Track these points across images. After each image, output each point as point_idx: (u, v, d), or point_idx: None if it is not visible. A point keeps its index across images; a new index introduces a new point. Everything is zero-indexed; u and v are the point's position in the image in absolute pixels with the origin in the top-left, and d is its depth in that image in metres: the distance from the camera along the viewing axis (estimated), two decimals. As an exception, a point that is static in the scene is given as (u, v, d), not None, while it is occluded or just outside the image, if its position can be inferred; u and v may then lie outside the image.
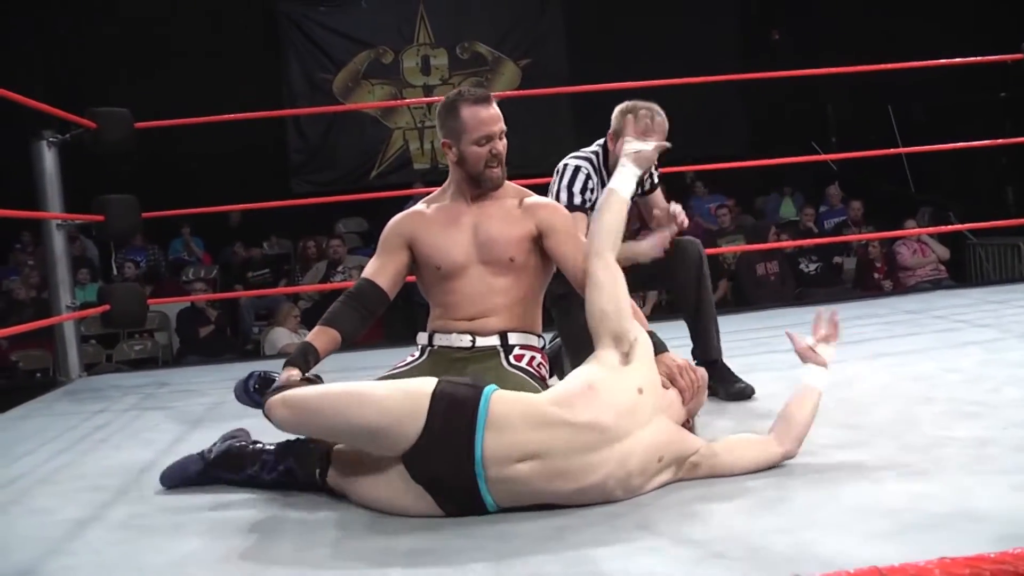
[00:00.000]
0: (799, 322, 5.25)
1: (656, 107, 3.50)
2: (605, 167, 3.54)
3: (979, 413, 2.96)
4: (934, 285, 8.29)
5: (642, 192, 3.67)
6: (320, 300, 8.45)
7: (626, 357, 2.50)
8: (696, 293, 3.56)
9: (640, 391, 2.39)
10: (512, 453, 2.25)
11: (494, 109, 2.90)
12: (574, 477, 2.25)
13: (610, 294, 2.61)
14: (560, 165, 3.58)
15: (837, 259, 9.27)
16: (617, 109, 3.52)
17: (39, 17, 10.53)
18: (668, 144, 3.03)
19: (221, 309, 9.02)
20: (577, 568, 1.94)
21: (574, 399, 2.33)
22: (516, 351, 2.83)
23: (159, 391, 4.73)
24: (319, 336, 2.85)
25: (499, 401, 2.32)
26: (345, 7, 11.40)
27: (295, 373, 2.66)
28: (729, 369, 3.59)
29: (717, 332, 3.61)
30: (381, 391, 2.35)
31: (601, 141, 3.64)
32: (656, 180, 3.74)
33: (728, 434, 2.67)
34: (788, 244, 8.89)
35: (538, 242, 2.92)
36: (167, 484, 2.74)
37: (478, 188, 2.92)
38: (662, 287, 3.66)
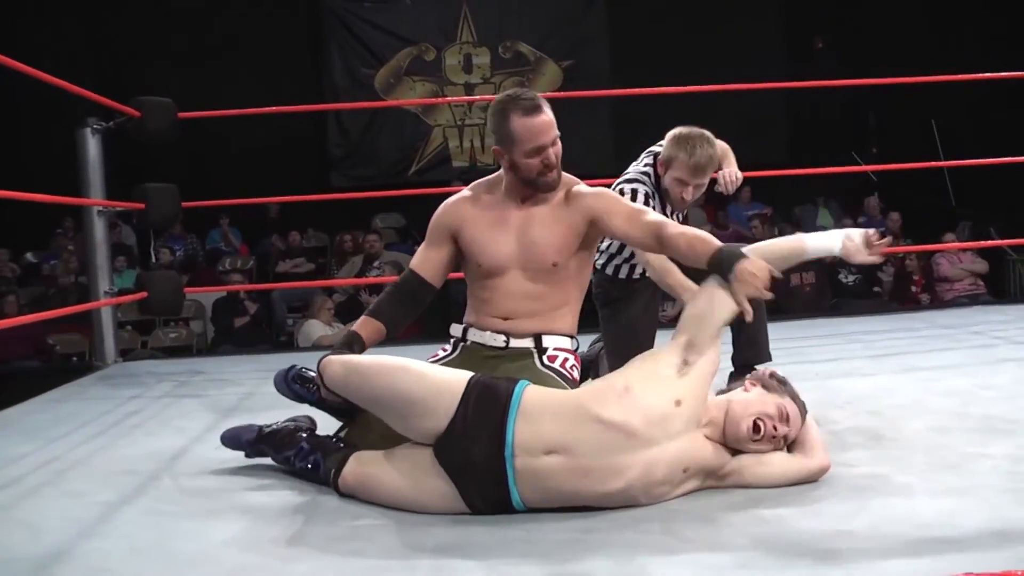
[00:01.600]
0: (831, 333, 5.29)
1: (708, 137, 3.40)
2: (657, 189, 3.48)
3: (1013, 431, 2.94)
4: (972, 300, 8.22)
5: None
6: (354, 294, 8.49)
7: (685, 367, 2.45)
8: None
9: (678, 403, 2.35)
10: (541, 443, 2.27)
11: (546, 115, 2.80)
12: (599, 478, 2.26)
13: (719, 302, 2.59)
14: (616, 189, 3.46)
15: (880, 273, 9.20)
16: (670, 136, 3.42)
17: (88, 7, 10.65)
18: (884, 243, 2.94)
19: (259, 301, 9.08)
20: (602, 570, 1.95)
21: (608, 397, 2.34)
22: (549, 352, 2.83)
23: (193, 379, 4.76)
24: (364, 326, 2.89)
25: (533, 392, 2.38)
26: (390, 4, 11.44)
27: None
28: None
29: (767, 338, 3.55)
30: (426, 368, 2.48)
31: (649, 160, 3.56)
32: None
33: None
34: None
35: (583, 236, 2.87)
36: (224, 444, 2.85)
37: (532, 191, 2.88)
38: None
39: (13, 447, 3.28)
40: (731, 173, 3.66)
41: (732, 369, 3.51)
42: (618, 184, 3.51)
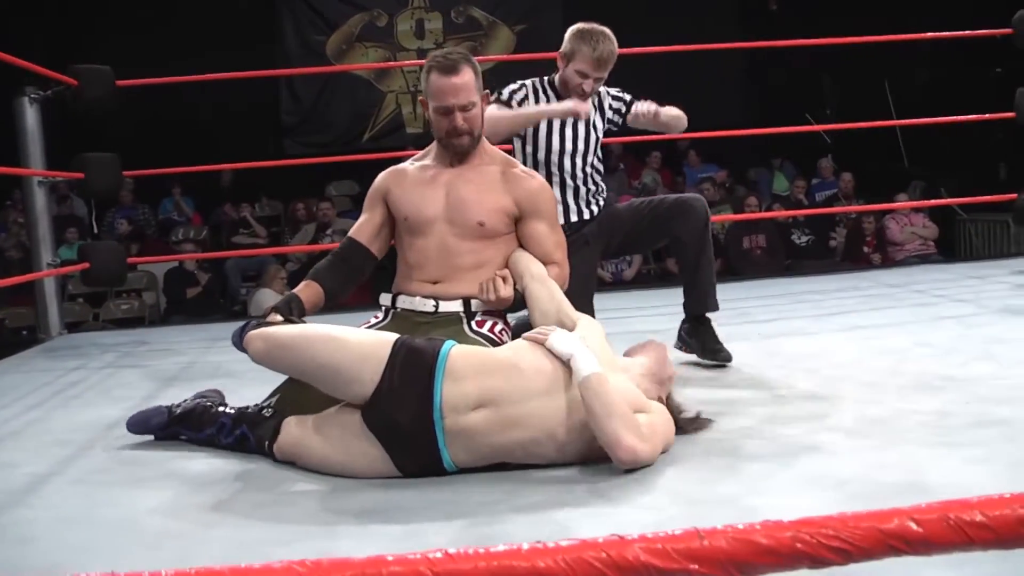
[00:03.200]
0: (779, 293, 5.33)
1: (608, 32, 3.45)
2: (552, 87, 3.55)
3: (944, 387, 2.97)
4: (922, 260, 8.30)
5: (617, 123, 3.69)
6: (308, 262, 8.44)
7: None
8: (698, 247, 3.53)
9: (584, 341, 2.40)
10: (468, 401, 2.28)
11: (459, 78, 2.82)
12: (526, 424, 2.27)
13: (549, 299, 2.73)
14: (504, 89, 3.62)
15: (833, 234, 9.26)
16: (572, 30, 3.48)
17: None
18: None
19: (211, 271, 9.01)
20: (527, 529, 1.96)
21: (525, 348, 2.40)
22: (478, 317, 2.84)
23: (137, 349, 4.73)
24: (304, 289, 2.90)
25: (458, 352, 2.39)
26: (341, -32, 11.32)
27: (278, 317, 2.69)
28: (714, 331, 3.59)
29: (714, 289, 3.58)
30: (349, 335, 2.45)
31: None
32: (630, 103, 3.64)
33: (694, 402, 2.71)
34: (770, 215, 8.90)
35: (513, 216, 2.92)
36: (131, 430, 2.79)
37: (448, 152, 2.92)
38: (664, 240, 3.65)
39: (-53, 420, 3.25)
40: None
41: (683, 317, 3.61)
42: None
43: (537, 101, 3.53)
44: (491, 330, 2.81)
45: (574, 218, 3.58)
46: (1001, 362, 3.29)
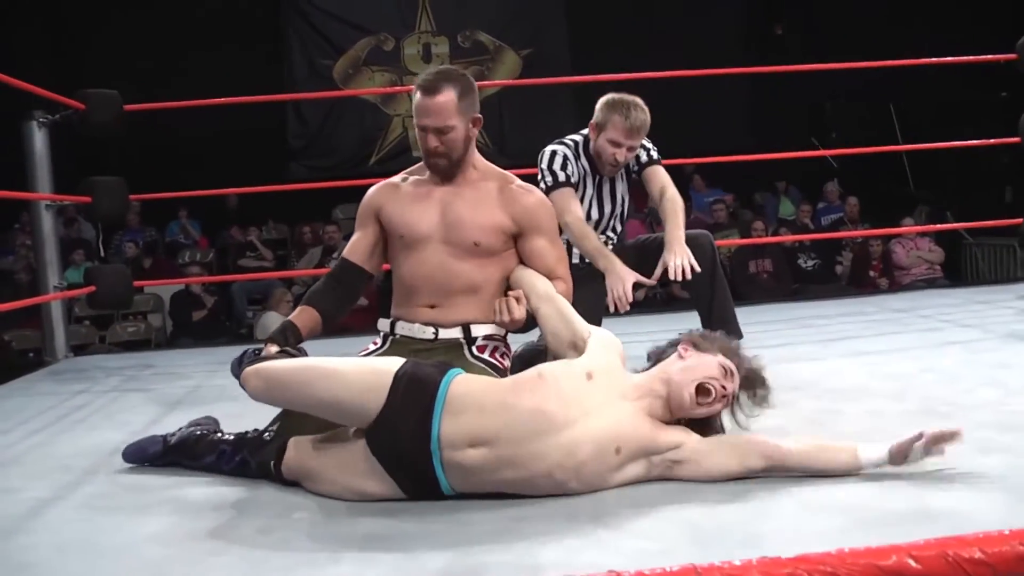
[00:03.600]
0: (784, 318, 5.31)
1: (640, 102, 3.53)
2: (587, 154, 3.62)
3: (949, 413, 2.95)
4: (928, 284, 8.29)
5: (639, 168, 3.72)
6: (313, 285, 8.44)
7: (578, 350, 2.54)
8: (709, 281, 3.56)
9: (589, 376, 2.37)
10: (465, 437, 2.27)
11: (436, 99, 2.76)
12: (523, 465, 2.25)
13: (559, 317, 2.71)
14: (541, 153, 3.67)
15: (839, 258, 9.26)
16: (603, 100, 3.55)
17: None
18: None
19: (218, 294, 9.03)
20: (529, 558, 1.95)
21: (522, 386, 2.36)
22: (479, 342, 2.82)
23: (142, 373, 4.73)
24: (299, 315, 2.90)
25: (459, 384, 2.36)
26: (348, -7, 11.39)
27: (273, 348, 2.68)
28: None
29: (734, 318, 3.61)
30: (348, 367, 2.42)
31: (585, 131, 3.70)
32: (654, 155, 3.74)
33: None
34: (774, 240, 8.89)
35: (510, 233, 2.89)
36: (127, 460, 2.79)
37: (432, 171, 2.91)
38: (676, 283, 3.65)
39: (-49, 444, 3.25)
40: (682, 259, 3.42)
41: None
42: (547, 147, 3.66)
43: (576, 163, 3.64)
44: (492, 355, 2.80)
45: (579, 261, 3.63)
46: (1007, 388, 3.27)
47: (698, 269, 3.37)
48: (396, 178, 3.04)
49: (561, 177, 3.58)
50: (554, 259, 2.93)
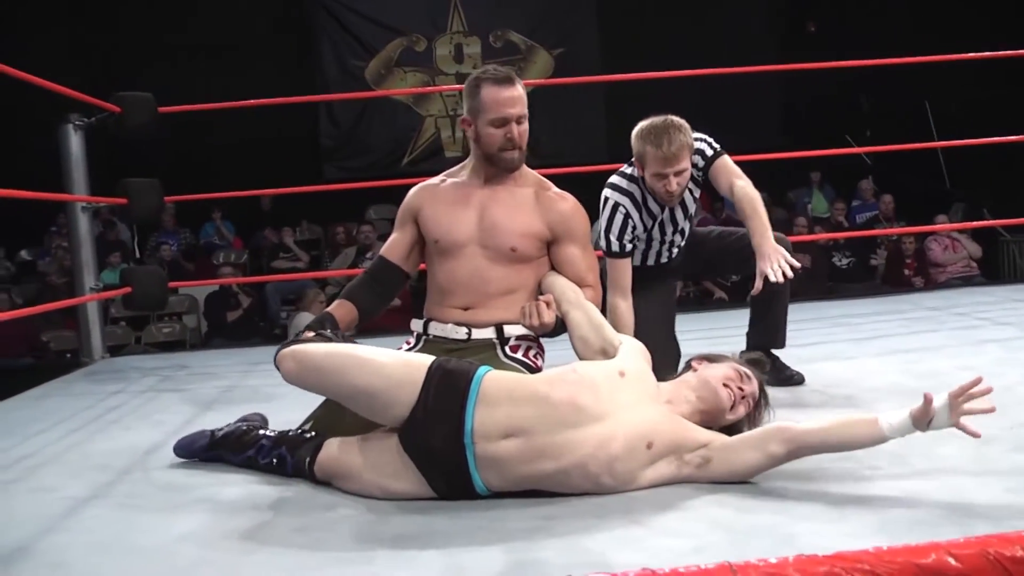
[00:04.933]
0: (818, 316, 5.27)
1: (674, 124, 3.27)
2: (646, 193, 3.39)
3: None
4: (965, 282, 8.22)
5: (704, 168, 3.45)
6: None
7: (608, 354, 2.59)
8: (777, 289, 3.39)
9: (621, 374, 2.40)
10: (498, 429, 2.28)
11: (516, 91, 2.84)
12: (554, 455, 2.25)
13: (588, 324, 2.73)
14: (603, 196, 3.43)
15: (874, 256, 9.19)
16: (635, 133, 3.32)
17: (71, 3, 10.65)
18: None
19: (253, 294, 9.08)
20: (562, 556, 1.95)
21: (556, 378, 2.38)
22: (512, 342, 2.83)
23: (177, 373, 4.76)
24: (337, 308, 2.94)
25: (492, 377, 2.38)
26: (379, -6, 11.43)
27: (310, 334, 2.70)
28: (781, 361, 3.59)
29: (785, 326, 3.58)
30: (383, 357, 2.43)
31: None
32: (713, 150, 3.46)
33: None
34: (810, 238, 8.82)
35: (545, 239, 2.91)
36: (178, 454, 2.83)
37: (493, 168, 2.91)
38: (745, 272, 3.59)
39: (-11, 444, 3.28)
40: (778, 262, 3.16)
41: (744, 348, 3.54)
42: (606, 187, 3.44)
43: (641, 216, 3.39)
44: (525, 355, 2.81)
45: (664, 260, 3.59)
46: (1045, 386, 3.24)
47: (797, 265, 3.16)
48: (436, 179, 3.06)
49: (616, 247, 3.36)
50: (585, 267, 2.94)
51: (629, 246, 3.38)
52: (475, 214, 2.89)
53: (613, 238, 3.35)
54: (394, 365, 2.42)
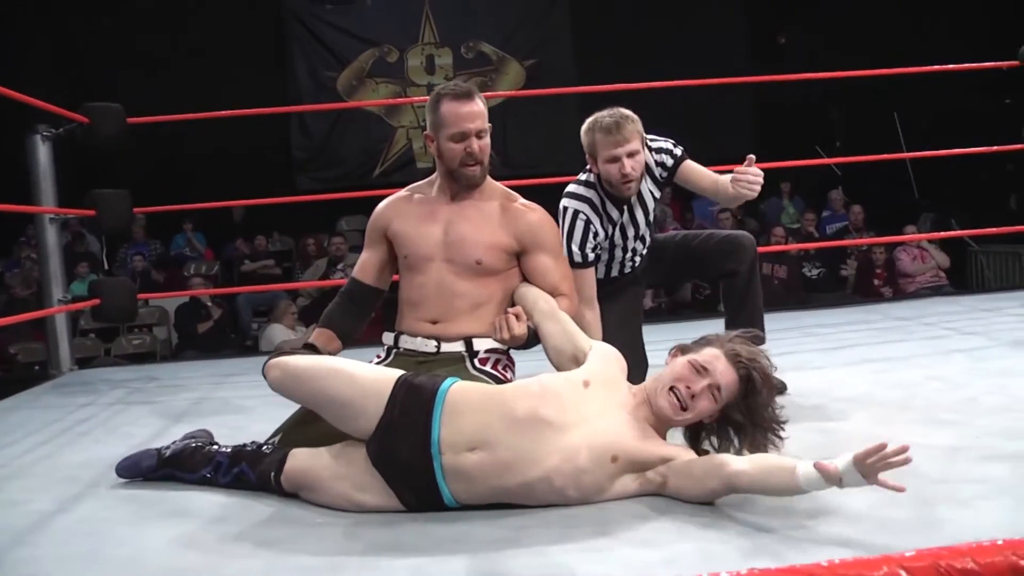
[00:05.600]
0: (789, 326, 5.30)
1: (620, 111, 3.28)
2: (605, 192, 3.37)
3: (954, 421, 2.95)
4: (934, 292, 8.28)
5: (670, 172, 3.43)
6: (319, 297, 8.47)
7: (578, 362, 2.58)
8: (746, 287, 3.52)
9: (586, 384, 2.39)
10: (464, 440, 2.28)
11: (476, 106, 2.86)
12: (520, 470, 2.25)
13: (561, 334, 2.74)
14: (561, 207, 3.40)
15: (843, 267, 9.25)
16: (583, 128, 3.32)
17: (45, 12, 10.57)
18: None
19: (225, 306, 9.04)
20: (531, 568, 1.95)
21: (520, 391, 2.38)
22: (480, 355, 2.83)
23: (147, 386, 4.73)
24: (318, 338, 2.98)
25: (458, 389, 2.39)
26: (351, 5, 11.41)
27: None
28: None
29: (762, 324, 3.50)
30: (357, 370, 2.48)
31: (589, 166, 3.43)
32: (678, 152, 3.44)
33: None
34: (781, 248, 8.87)
35: (513, 251, 2.91)
36: (121, 475, 2.77)
37: (456, 184, 2.92)
38: (711, 278, 3.59)
39: (-45, 457, 3.25)
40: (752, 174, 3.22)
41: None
42: (564, 197, 3.42)
43: (601, 222, 3.36)
44: (494, 368, 2.81)
45: (627, 270, 3.58)
46: (1012, 396, 3.26)
47: (759, 172, 3.18)
48: (404, 192, 3.07)
49: (578, 258, 3.31)
50: (559, 276, 2.94)
51: (592, 255, 3.36)
52: (441, 229, 2.91)
53: (575, 248, 3.32)
54: (365, 377, 2.46)
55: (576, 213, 3.36)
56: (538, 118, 10.87)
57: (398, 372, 2.48)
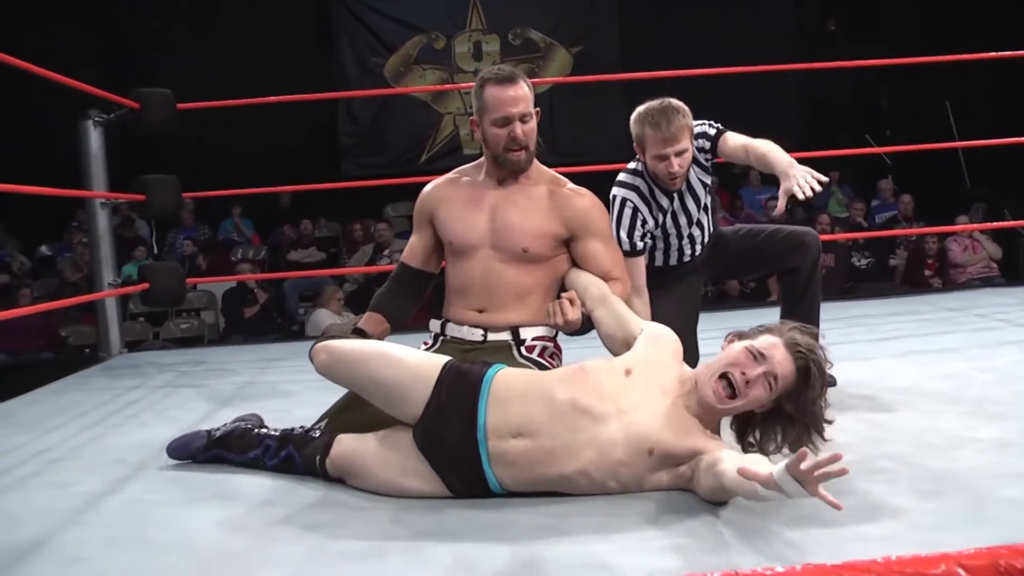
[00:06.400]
0: (836, 316, 5.24)
1: (670, 104, 3.22)
2: (655, 185, 3.33)
3: (1004, 415, 2.91)
4: (984, 283, 8.16)
5: (711, 150, 3.35)
6: (365, 283, 8.51)
7: (628, 347, 2.54)
8: (807, 282, 3.47)
9: (627, 372, 2.35)
10: (509, 427, 2.29)
11: (520, 90, 2.81)
12: (560, 460, 2.25)
13: (612, 319, 2.71)
14: (611, 195, 3.37)
15: (893, 257, 9.15)
16: (633, 117, 3.28)
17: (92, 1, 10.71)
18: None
19: (270, 291, 9.10)
20: (573, 558, 1.95)
21: (563, 378, 2.37)
22: (527, 343, 2.82)
23: (194, 369, 4.78)
24: (367, 322, 2.97)
25: (504, 375, 2.40)
26: (398, -8, 11.45)
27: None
28: None
29: (818, 317, 3.49)
30: (405, 354, 2.49)
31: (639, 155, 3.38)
32: (713, 131, 3.35)
33: None
34: (830, 237, 8.75)
35: (562, 238, 2.88)
36: (172, 456, 2.81)
37: (502, 170, 2.89)
38: (773, 271, 3.54)
39: (7, 438, 3.30)
40: (804, 176, 3.07)
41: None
42: (614, 186, 3.40)
43: (651, 210, 3.34)
44: (541, 355, 2.80)
45: (686, 259, 3.53)
46: (1064, 389, 3.21)
47: (824, 180, 3.08)
48: (451, 175, 3.04)
49: (627, 246, 3.27)
50: (610, 261, 2.91)
51: (641, 244, 3.34)
52: (487, 216, 2.88)
53: (624, 235, 3.31)
54: (413, 361, 2.47)
55: (624, 201, 3.35)
56: (585, 105, 10.85)
57: (445, 357, 2.49)
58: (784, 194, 3.06)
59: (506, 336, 2.82)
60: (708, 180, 3.45)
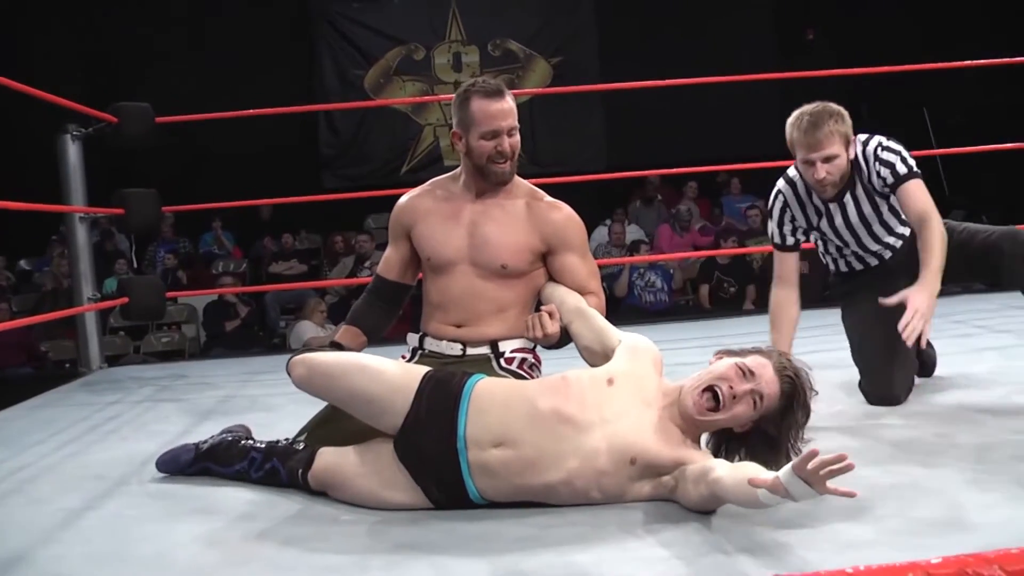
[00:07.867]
0: (816, 324, 5.23)
1: (826, 109, 3.18)
2: (809, 186, 3.27)
3: (983, 421, 2.93)
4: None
5: (892, 186, 3.21)
6: (347, 295, 8.50)
7: (608, 357, 2.53)
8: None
9: (610, 382, 2.35)
10: (489, 436, 2.28)
11: (506, 103, 2.81)
12: (542, 470, 2.24)
13: (590, 331, 2.70)
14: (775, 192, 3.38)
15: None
16: (788, 121, 3.22)
17: (72, 13, 10.66)
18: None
19: (252, 303, 9.08)
20: (555, 568, 1.95)
21: (546, 388, 2.37)
22: (507, 355, 2.82)
23: (175, 383, 4.76)
24: (344, 335, 2.98)
25: (484, 385, 2.40)
26: (378, 3, 11.43)
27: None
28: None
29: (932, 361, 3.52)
30: (384, 366, 2.48)
31: None
32: (903, 170, 3.22)
33: None
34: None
35: (539, 252, 2.87)
36: (161, 470, 2.80)
37: (484, 182, 2.87)
38: (976, 279, 3.47)
39: (-15, 454, 3.28)
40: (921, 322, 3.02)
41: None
42: (782, 176, 3.37)
43: (804, 210, 3.31)
44: (520, 367, 2.80)
45: (869, 265, 3.42)
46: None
47: (926, 338, 3.03)
48: (425, 186, 3.03)
49: (778, 240, 3.31)
50: (585, 274, 2.90)
51: (791, 239, 3.29)
52: (465, 231, 2.87)
53: (773, 226, 3.32)
54: (392, 373, 2.46)
55: (778, 193, 3.37)
56: (565, 115, 10.89)
57: (425, 368, 2.49)
58: (900, 297, 3.05)
59: (485, 350, 2.82)
60: (884, 207, 3.30)
